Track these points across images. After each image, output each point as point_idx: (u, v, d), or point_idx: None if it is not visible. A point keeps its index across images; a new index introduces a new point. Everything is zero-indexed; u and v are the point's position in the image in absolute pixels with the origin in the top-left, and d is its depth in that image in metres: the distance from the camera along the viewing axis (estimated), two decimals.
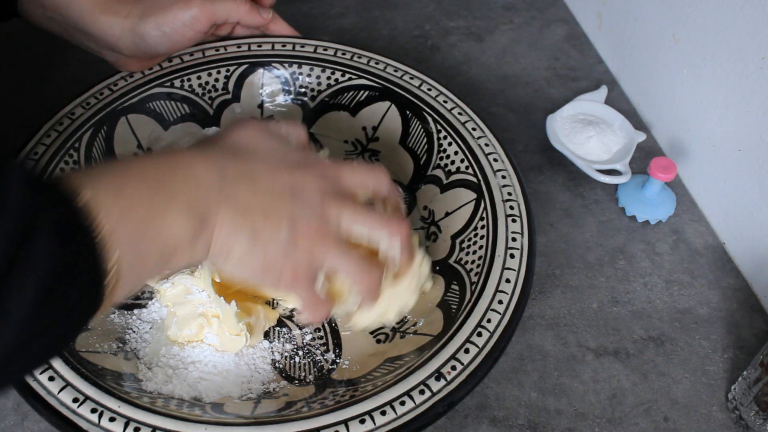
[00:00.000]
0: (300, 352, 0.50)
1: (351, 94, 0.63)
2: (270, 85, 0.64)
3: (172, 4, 0.56)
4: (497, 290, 0.48)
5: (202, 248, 0.39)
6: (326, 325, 0.52)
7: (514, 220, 0.52)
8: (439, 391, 0.43)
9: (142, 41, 0.56)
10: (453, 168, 0.57)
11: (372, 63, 0.63)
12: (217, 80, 0.63)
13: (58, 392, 0.42)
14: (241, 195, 0.40)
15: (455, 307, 0.49)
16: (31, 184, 0.31)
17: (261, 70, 0.64)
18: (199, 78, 0.62)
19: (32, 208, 0.30)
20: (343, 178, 0.45)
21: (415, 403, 0.42)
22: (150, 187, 0.37)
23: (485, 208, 0.53)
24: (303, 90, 0.64)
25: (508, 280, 0.48)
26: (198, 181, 0.39)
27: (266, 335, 0.51)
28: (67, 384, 0.42)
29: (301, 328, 0.52)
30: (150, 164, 0.39)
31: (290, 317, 0.52)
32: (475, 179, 0.55)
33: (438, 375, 0.43)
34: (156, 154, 0.41)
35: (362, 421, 0.41)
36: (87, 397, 0.42)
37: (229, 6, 0.58)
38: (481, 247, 0.51)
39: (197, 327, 0.49)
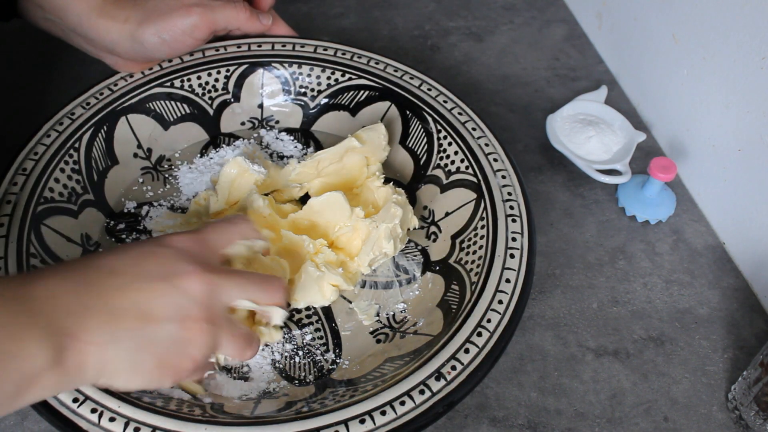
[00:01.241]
0: (300, 352, 0.50)
1: (351, 94, 0.63)
2: (270, 85, 0.64)
3: (172, 10, 0.56)
4: (497, 290, 0.48)
5: (73, 370, 0.35)
6: (326, 325, 0.52)
7: (514, 220, 0.52)
8: (439, 391, 0.43)
9: (141, 47, 0.56)
10: (453, 168, 0.57)
11: (372, 63, 0.63)
12: (217, 80, 0.63)
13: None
14: (111, 296, 0.37)
15: (455, 307, 0.49)
16: None
17: (261, 70, 0.64)
18: (199, 78, 0.62)
19: None
20: (210, 236, 0.43)
21: (415, 403, 0.42)
22: (5, 313, 0.33)
23: (485, 208, 0.53)
24: (303, 90, 0.64)
25: (508, 280, 0.48)
26: (61, 294, 0.36)
27: None
28: None
29: (300, 328, 0.52)
30: (4, 284, 0.35)
31: (291, 317, 0.52)
32: (475, 179, 0.55)
33: (438, 375, 0.43)
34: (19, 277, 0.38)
35: (362, 421, 0.41)
36: (87, 397, 0.41)
37: (230, 14, 0.58)
38: (481, 247, 0.51)
39: None
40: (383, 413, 0.42)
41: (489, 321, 0.46)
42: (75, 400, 0.41)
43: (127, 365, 0.37)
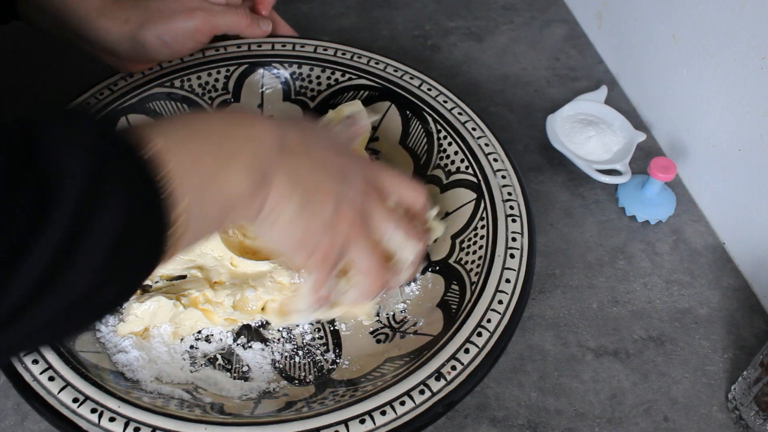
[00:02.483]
0: (300, 352, 0.50)
1: (351, 94, 0.63)
2: (270, 85, 0.64)
3: (175, 13, 0.56)
4: (497, 290, 0.48)
5: (258, 207, 0.39)
6: (326, 325, 0.52)
7: (514, 220, 0.52)
8: (439, 391, 0.43)
9: (142, 48, 0.56)
10: (453, 168, 0.57)
11: (372, 63, 0.63)
12: (217, 80, 0.63)
13: (58, 392, 0.42)
14: (297, 163, 0.41)
15: (455, 307, 0.49)
16: (103, 134, 0.32)
17: (261, 70, 0.64)
18: (199, 78, 0.62)
19: (104, 158, 0.30)
20: (383, 179, 0.46)
21: (415, 403, 0.42)
22: (215, 141, 0.38)
23: (485, 208, 0.53)
24: (303, 90, 0.64)
25: (508, 280, 0.48)
26: (260, 141, 0.40)
27: (265, 338, 0.51)
28: (67, 384, 0.42)
29: (298, 326, 0.52)
30: (216, 120, 0.40)
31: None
32: (475, 179, 0.55)
33: (438, 375, 0.43)
34: (222, 112, 0.43)
35: (362, 421, 0.41)
36: (87, 397, 0.42)
37: (231, 20, 0.59)
38: (481, 247, 0.51)
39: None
40: (383, 413, 0.42)
41: (489, 321, 0.46)
42: (75, 400, 0.41)
43: (286, 221, 0.41)
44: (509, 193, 0.53)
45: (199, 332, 0.51)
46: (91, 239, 0.30)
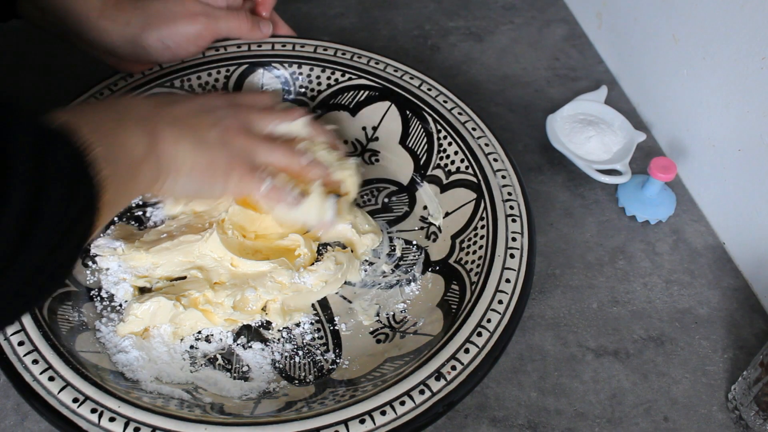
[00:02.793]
0: (300, 352, 0.50)
1: (351, 94, 0.63)
2: (270, 85, 0.64)
3: (177, 17, 0.56)
4: (497, 290, 0.48)
5: (155, 163, 0.44)
6: (326, 325, 0.52)
7: (514, 220, 0.52)
8: (439, 391, 0.43)
9: (144, 51, 0.56)
10: (453, 168, 0.57)
11: (372, 63, 0.63)
12: (217, 80, 0.63)
13: (58, 392, 0.42)
14: (174, 112, 0.47)
15: (455, 307, 0.49)
16: (37, 127, 0.35)
17: (261, 70, 0.64)
18: (199, 78, 0.62)
19: (41, 144, 0.34)
20: (240, 97, 0.55)
21: (415, 403, 0.42)
22: (108, 111, 0.43)
23: (485, 208, 0.53)
24: (303, 90, 0.64)
25: (508, 280, 0.48)
26: (140, 106, 0.47)
27: (265, 338, 0.51)
28: (67, 384, 0.42)
29: (298, 325, 0.52)
30: (107, 101, 0.50)
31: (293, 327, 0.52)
32: (475, 179, 0.55)
33: (438, 375, 0.43)
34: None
35: (362, 421, 0.41)
36: (87, 397, 0.42)
37: (233, 24, 0.60)
38: (481, 247, 0.51)
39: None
40: (383, 413, 0.42)
41: (489, 321, 0.46)
42: (75, 400, 0.41)
43: (189, 161, 0.46)
44: (509, 193, 0.53)
45: (199, 332, 0.51)
46: (45, 208, 0.33)
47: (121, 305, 0.51)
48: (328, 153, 0.54)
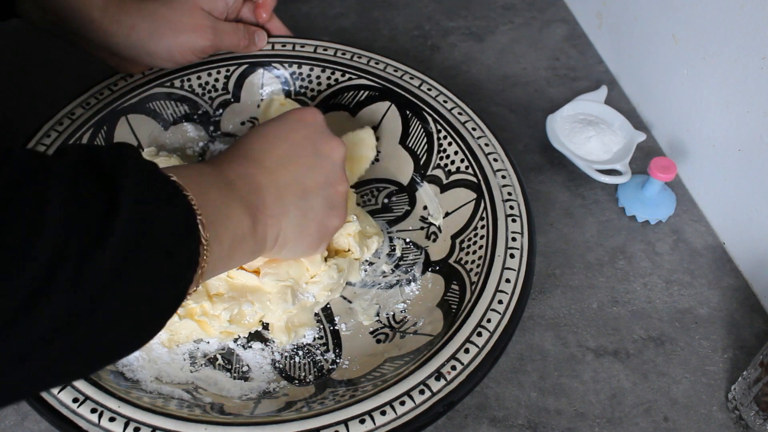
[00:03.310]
0: (300, 352, 0.50)
1: (351, 94, 0.63)
2: (270, 85, 0.64)
3: (186, 29, 0.57)
4: (497, 290, 0.48)
5: (260, 238, 0.43)
6: (326, 325, 0.52)
7: (514, 220, 0.52)
8: (439, 391, 0.43)
9: (148, 56, 0.57)
10: (453, 168, 0.57)
11: (372, 63, 0.63)
12: (217, 80, 0.63)
13: (58, 392, 0.42)
14: (280, 177, 0.45)
15: (455, 307, 0.49)
16: (146, 173, 0.34)
17: (261, 70, 0.64)
18: (199, 78, 0.62)
19: (146, 194, 0.32)
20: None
21: (415, 403, 0.42)
22: (214, 178, 0.41)
23: (485, 208, 0.53)
24: (303, 90, 0.64)
25: (508, 280, 0.48)
26: (246, 175, 0.43)
27: (265, 338, 0.51)
28: (67, 384, 0.42)
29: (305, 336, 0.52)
30: (211, 165, 0.44)
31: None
32: (475, 179, 0.55)
33: (438, 375, 0.43)
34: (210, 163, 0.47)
35: (362, 421, 0.41)
36: (87, 397, 0.42)
37: (233, 43, 0.61)
38: (481, 247, 0.51)
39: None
40: (383, 413, 0.42)
41: (489, 321, 0.46)
42: (75, 400, 0.41)
43: (296, 232, 0.45)
44: (509, 193, 0.53)
45: None
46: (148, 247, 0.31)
47: None
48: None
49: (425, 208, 0.59)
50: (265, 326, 0.52)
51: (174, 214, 0.34)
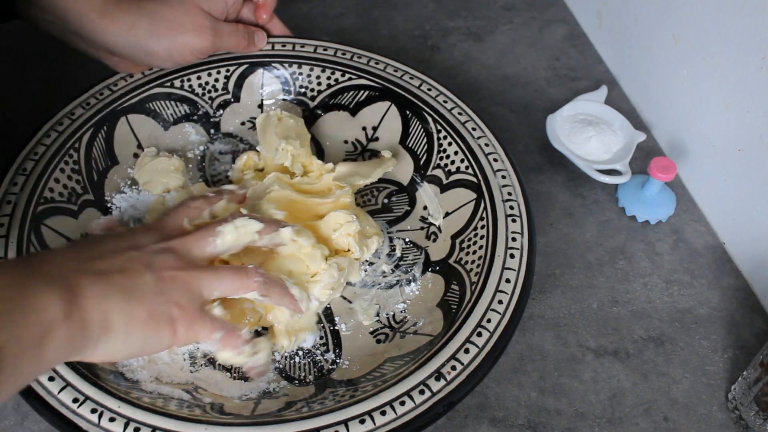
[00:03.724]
0: (300, 352, 0.50)
1: (351, 94, 0.63)
2: (270, 85, 0.64)
3: (186, 29, 0.56)
4: (497, 290, 0.48)
5: (79, 325, 0.38)
6: (326, 325, 0.52)
7: (514, 220, 0.52)
8: (439, 391, 0.43)
9: (147, 56, 0.57)
10: (453, 168, 0.57)
11: (372, 63, 0.63)
12: (217, 80, 0.63)
13: (58, 392, 0.42)
14: (96, 261, 0.41)
15: (455, 307, 0.49)
16: None
17: (261, 70, 0.64)
18: (199, 78, 0.62)
19: None
20: (164, 222, 0.49)
21: (415, 403, 0.42)
22: (14, 270, 0.38)
23: (485, 208, 0.53)
24: (303, 90, 0.64)
25: (508, 280, 0.48)
26: (54, 261, 0.40)
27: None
28: (67, 384, 0.42)
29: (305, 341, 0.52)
30: (18, 258, 0.43)
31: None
32: (475, 179, 0.55)
33: (438, 375, 0.43)
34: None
35: (362, 421, 0.41)
36: (87, 397, 0.42)
37: (232, 43, 0.61)
38: (481, 247, 0.51)
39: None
40: (383, 413, 0.42)
41: (489, 321, 0.46)
42: (75, 401, 0.41)
43: (123, 318, 0.40)
44: (509, 193, 0.53)
45: None
46: None
47: None
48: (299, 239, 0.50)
49: (425, 208, 0.59)
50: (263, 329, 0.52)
51: None
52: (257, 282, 0.46)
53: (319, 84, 0.64)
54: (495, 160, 0.56)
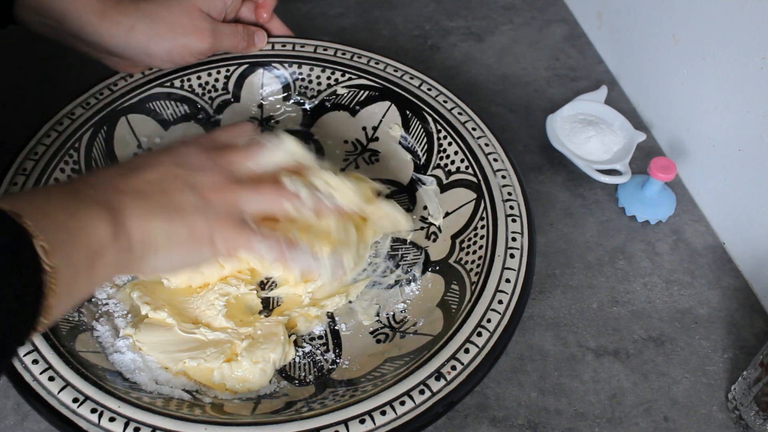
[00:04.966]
0: (300, 352, 0.50)
1: (351, 94, 0.63)
2: (270, 85, 0.64)
3: (186, 31, 0.57)
4: (497, 290, 0.48)
5: (125, 246, 0.39)
6: (326, 325, 0.52)
7: (514, 220, 0.52)
8: (439, 391, 0.43)
9: (147, 57, 0.57)
10: (453, 168, 0.57)
11: (372, 63, 0.63)
12: (217, 80, 0.63)
13: (58, 392, 0.42)
14: (139, 181, 0.42)
15: (455, 306, 0.49)
16: None
17: (261, 70, 0.64)
18: (199, 78, 0.62)
19: None
20: (215, 135, 0.49)
21: (415, 403, 0.42)
22: (62, 194, 0.39)
23: (485, 208, 0.53)
24: (303, 90, 0.64)
25: (508, 280, 0.48)
26: (99, 182, 0.41)
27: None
28: (67, 384, 0.42)
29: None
30: (64, 182, 0.43)
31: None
32: (475, 179, 0.55)
33: (438, 375, 0.43)
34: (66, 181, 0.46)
35: (362, 421, 0.41)
36: (87, 397, 0.42)
37: (231, 45, 0.61)
38: (481, 247, 0.51)
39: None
40: (383, 413, 0.42)
41: (489, 321, 0.46)
42: (75, 400, 0.41)
43: (165, 237, 0.41)
44: (509, 193, 0.53)
45: (198, 328, 0.51)
46: None
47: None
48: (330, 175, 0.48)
49: (425, 208, 0.59)
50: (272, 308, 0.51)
51: None
52: (296, 198, 0.46)
53: (319, 84, 0.64)
54: (495, 160, 0.56)
